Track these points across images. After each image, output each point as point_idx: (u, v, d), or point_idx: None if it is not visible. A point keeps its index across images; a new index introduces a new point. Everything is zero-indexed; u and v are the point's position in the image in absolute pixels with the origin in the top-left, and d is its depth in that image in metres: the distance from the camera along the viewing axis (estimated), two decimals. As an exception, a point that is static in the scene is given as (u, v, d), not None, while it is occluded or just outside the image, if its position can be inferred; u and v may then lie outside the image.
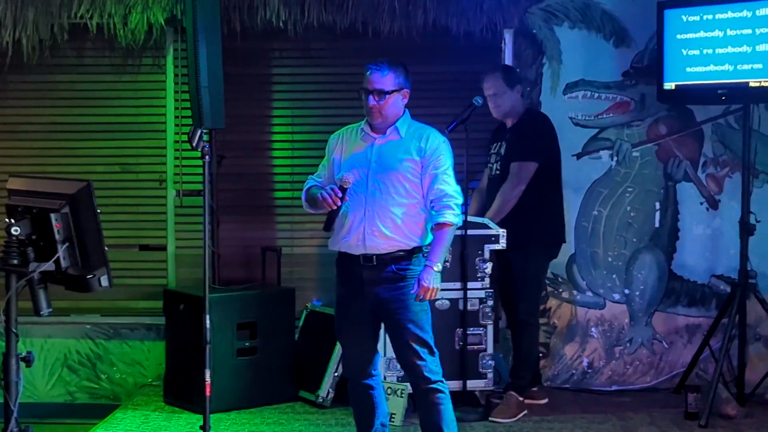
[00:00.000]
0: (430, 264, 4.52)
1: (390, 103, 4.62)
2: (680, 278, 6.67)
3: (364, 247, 4.59)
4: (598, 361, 6.66)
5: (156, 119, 6.86)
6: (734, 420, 5.84)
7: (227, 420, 5.83)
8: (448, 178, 4.61)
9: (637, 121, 6.65)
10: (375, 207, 4.58)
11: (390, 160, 4.61)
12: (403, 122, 4.68)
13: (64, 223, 3.64)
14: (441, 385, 4.63)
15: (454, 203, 4.59)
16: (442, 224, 4.56)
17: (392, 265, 4.59)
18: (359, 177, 4.62)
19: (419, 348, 4.58)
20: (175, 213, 6.83)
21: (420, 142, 4.62)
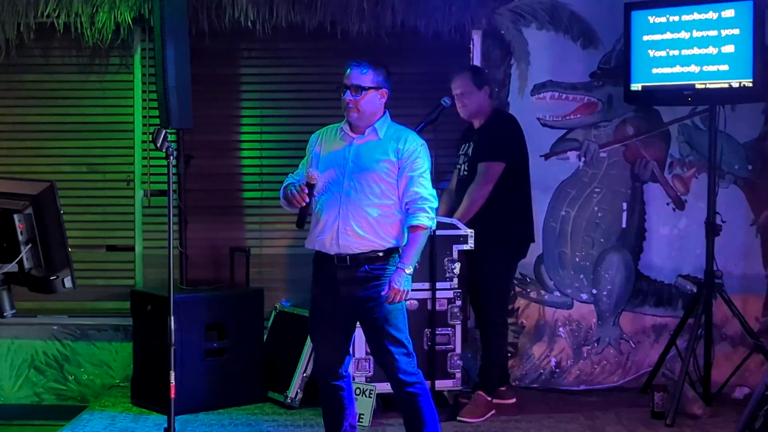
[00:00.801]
0: (402, 266, 4.53)
1: (366, 99, 4.62)
2: (647, 278, 6.71)
3: (338, 246, 4.59)
4: (566, 360, 6.69)
5: (123, 119, 6.82)
6: (700, 419, 5.87)
7: (195, 421, 5.81)
8: (424, 181, 4.61)
9: (605, 122, 6.68)
10: (350, 206, 4.58)
11: (367, 160, 4.62)
12: (382, 123, 4.69)
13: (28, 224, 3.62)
14: (418, 387, 4.62)
15: (429, 206, 4.59)
16: (415, 227, 4.57)
17: (366, 265, 4.59)
18: (335, 176, 4.63)
19: (393, 348, 4.58)
20: (143, 213, 6.81)
21: (398, 143, 4.62)
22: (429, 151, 4.72)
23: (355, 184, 4.59)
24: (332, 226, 4.60)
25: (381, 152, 4.62)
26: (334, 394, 4.77)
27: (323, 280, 4.70)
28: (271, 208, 6.82)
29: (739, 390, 6.32)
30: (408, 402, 4.63)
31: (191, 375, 5.95)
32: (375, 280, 4.58)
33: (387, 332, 4.58)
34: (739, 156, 6.62)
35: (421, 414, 4.63)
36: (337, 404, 4.78)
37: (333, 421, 4.81)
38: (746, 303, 6.54)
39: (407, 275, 4.52)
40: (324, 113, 6.68)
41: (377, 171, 4.60)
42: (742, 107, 6.48)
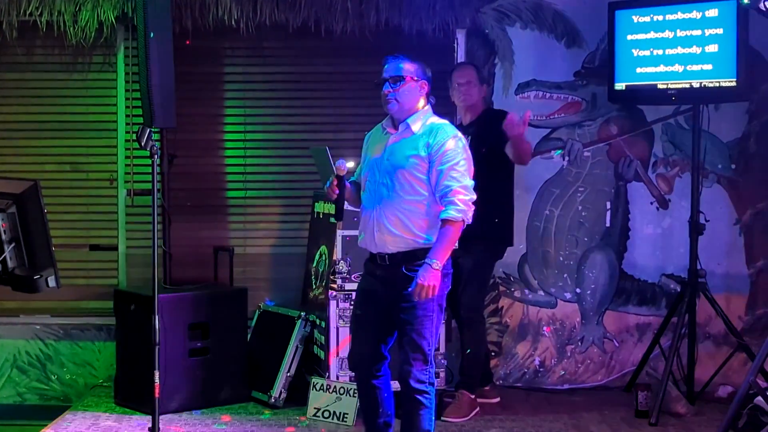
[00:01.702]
0: (429, 261, 4.45)
1: (405, 90, 4.60)
2: (631, 277, 6.72)
3: (376, 245, 4.62)
4: (550, 359, 6.70)
5: (107, 118, 6.80)
6: (684, 418, 5.89)
7: (179, 421, 5.79)
8: (455, 174, 4.52)
9: (589, 121, 6.69)
10: (383, 205, 4.59)
11: (398, 157, 4.60)
12: (416, 118, 4.63)
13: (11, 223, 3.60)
14: (425, 397, 4.60)
15: (459, 199, 4.49)
16: (444, 221, 4.50)
17: (403, 266, 4.57)
18: (374, 174, 4.66)
19: (411, 353, 4.56)
20: (126, 213, 6.79)
21: (429, 137, 4.58)
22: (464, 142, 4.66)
23: (387, 181, 4.60)
24: (370, 224, 4.63)
25: (411, 148, 4.59)
26: (369, 390, 4.77)
27: (368, 276, 4.74)
28: (255, 207, 6.83)
29: (723, 389, 6.34)
30: (411, 408, 4.62)
31: (175, 374, 5.93)
32: (410, 281, 4.51)
33: (409, 336, 4.57)
34: (723, 155, 6.64)
35: (418, 423, 4.61)
36: (372, 401, 4.78)
37: (368, 417, 4.84)
38: (729, 302, 6.56)
39: (435, 270, 4.43)
40: (308, 112, 6.72)
41: (407, 167, 4.57)
42: (726, 107, 6.50)
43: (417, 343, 4.56)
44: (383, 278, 4.62)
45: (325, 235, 6.13)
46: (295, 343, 6.11)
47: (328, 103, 6.66)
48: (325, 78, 6.66)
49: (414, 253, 4.56)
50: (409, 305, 4.54)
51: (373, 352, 4.71)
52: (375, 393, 4.76)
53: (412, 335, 4.56)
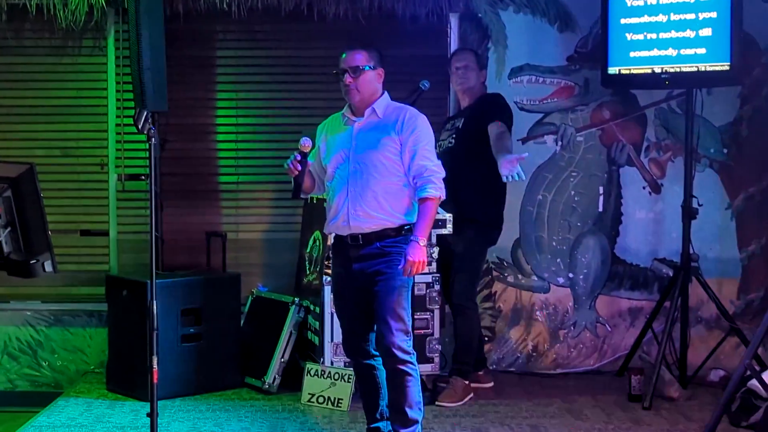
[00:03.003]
0: (415, 239, 4.59)
1: (365, 79, 4.71)
2: (623, 262, 6.72)
3: (349, 228, 4.68)
4: (543, 344, 6.70)
5: (97, 102, 6.76)
6: (677, 402, 5.91)
7: (172, 407, 5.77)
8: (427, 153, 4.69)
9: (581, 105, 6.68)
10: (357, 188, 4.66)
11: (370, 140, 4.69)
12: (380, 103, 4.76)
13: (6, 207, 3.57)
14: (410, 366, 4.67)
15: (435, 177, 4.65)
16: (424, 199, 4.64)
17: (377, 242, 4.67)
18: (342, 160, 4.72)
19: (393, 323, 4.63)
20: (117, 198, 6.75)
21: (397, 119, 4.70)
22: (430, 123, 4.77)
23: (360, 165, 4.68)
24: (343, 208, 4.69)
25: (382, 131, 4.70)
26: (367, 373, 4.83)
27: (340, 260, 4.81)
28: (247, 192, 6.81)
29: (715, 372, 6.35)
30: (397, 380, 4.66)
31: (168, 360, 5.89)
32: (386, 256, 4.65)
33: (390, 306, 4.63)
34: (715, 140, 6.64)
35: (408, 394, 4.66)
36: (371, 383, 4.83)
37: (368, 401, 4.88)
38: (722, 286, 6.58)
39: (422, 247, 4.57)
40: (300, 96, 6.70)
41: (380, 150, 4.67)
42: (718, 91, 6.50)
43: (398, 314, 4.65)
44: (357, 257, 4.69)
45: (319, 221, 6.09)
46: (289, 328, 6.09)
47: (320, 87, 6.62)
48: (318, 62, 6.61)
49: (386, 232, 4.68)
50: (385, 277, 4.64)
51: (362, 334, 4.79)
52: (373, 373, 4.81)
53: (393, 306, 4.64)
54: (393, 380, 4.69)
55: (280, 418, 5.57)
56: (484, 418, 5.60)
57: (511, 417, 5.62)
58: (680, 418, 5.61)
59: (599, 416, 5.65)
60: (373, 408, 4.84)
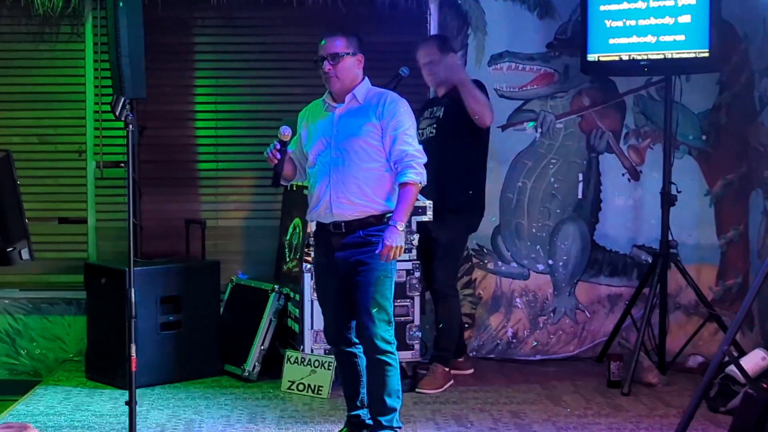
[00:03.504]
0: (393, 223, 4.56)
1: (344, 66, 4.67)
2: (602, 248, 6.74)
3: (332, 215, 4.65)
4: (523, 331, 6.72)
5: (75, 89, 6.72)
6: (656, 388, 5.93)
7: (151, 395, 5.75)
8: (408, 138, 4.65)
9: (561, 92, 6.68)
10: (339, 174, 4.63)
11: (351, 126, 4.66)
12: (361, 88, 4.73)
13: (-17, 194, 3.54)
14: (390, 357, 4.66)
15: (416, 162, 4.62)
16: (404, 184, 4.61)
17: (360, 231, 4.64)
18: (323, 147, 4.69)
19: (376, 313, 4.62)
20: (96, 185, 6.71)
21: (378, 105, 4.67)
22: (411, 108, 4.75)
23: (341, 152, 4.65)
24: (325, 195, 4.66)
25: (363, 116, 4.67)
26: (348, 361, 4.83)
27: (322, 248, 4.78)
28: (227, 179, 6.79)
29: (693, 359, 6.38)
30: (378, 369, 4.66)
31: (147, 348, 5.87)
32: (368, 245, 4.62)
33: (372, 297, 4.62)
34: (694, 126, 6.66)
35: (387, 383, 4.66)
36: (352, 372, 4.83)
37: (350, 388, 4.87)
38: (700, 272, 6.61)
39: (400, 232, 4.54)
40: (280, 83, 6.67)
41: (361, 136, 4.64)
42: (697, 78, 6.52)
43: (380, 303, 4.64)
44: (340, 245, 4.67)
45: (299, 208, 6.09)
46: (269, 316, 6.08)
47: (300, 73, 6.58)
48: (298, 48, 6.58)
49: (369, 219, 4.66)
50: (367, 267, 4.62)
51: (344, 322, 4.78)
52: (355, 361, 4.81)
53: (375, 296, 4.63)
54: (373, 369, 4.69)
55: (260, 406, 5.56)
56: (464, 404, 5.61)
57: (491, 403, 5.63)
58: (659, 403, 5.64)
59: (579, 402, 5.67)
60: (354, 395, 4.85)
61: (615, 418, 5.37)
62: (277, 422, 5.27)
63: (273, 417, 5.36)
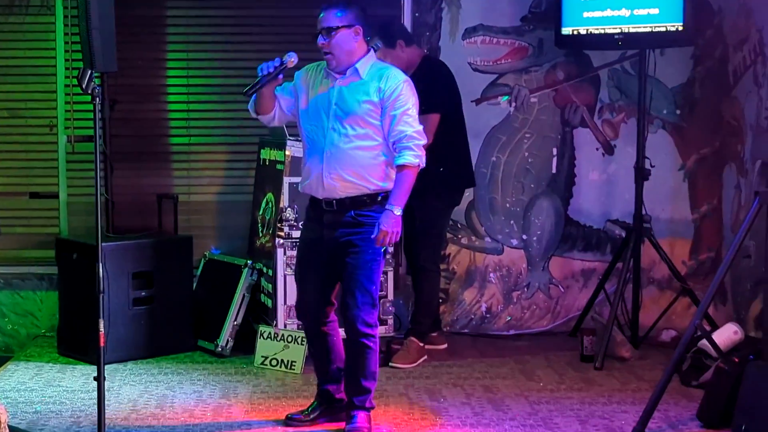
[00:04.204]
0: (390, 207, 4.48)
1: (338, 39, 4.52)
2: (576, 223, 6.74)
3: (323, 191, 4.57)
4: (497, 306, 6.72)
5: (45, 62, 6.65)
6: (628, 362, 5.95)
7: (124, 370, 5.73)
8: (408, 119, 4.53)
9: (535, 66, 6.66)
10: (334, 150, 4.54)
11: (350, 102, 4.55)
12: (364, 62, 4.59)
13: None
14: (371, 339, 4.62)
15: (415, 144, 4.52)
16: (402, 166, 4.51)
17: (352, 211, 4.56)
18: (320, 119, 4.58)
19: (360, 296, 4.57)
20: (67, 159, 6.66)
21: (379, 82, 4.55)
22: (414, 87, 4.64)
23: (338, 126, 4.54)
24: (318, 169, 4.57)
25: (363, 93, 4.55)
26: (319, 338, 4.77)
27: (312, 223, 4.70)
28: (200, 154, 6.75)
29: (666, 333, 6.41)
30: (357, 351, 4.63)
31: (119, 324, 5.88)
32: (359, 226, 4.55)
33: (359, 280, 4.56)
34: (668, 101, 6.66)
35: (365, 365, 4.64)
36: (323, 348, 4.78)
37: (320, 365, 4.83)
38: (674, 247, 6.62)
39: (396, 216, 4.48)
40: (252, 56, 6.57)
41: (360, 113, 4.53)
42: (672, 52, 6.51)
43: (366, 287, 4.58)
44: (330, 223, 4.60)
45: (272, 183, 6.06)
46: (242, 291, 6.06)
47: (273, 47, 6.46)
48: (271, 21, 6.54)
49: (362, 198, 4.57)
50: (357, 250, 4.55)
51: (321, 300, 4.71)
52: (326, 340, 4.77)
53: (361, 280, 4.57)
54: (352, 349, 4.66)
55: (233, 381, 5.55)
56: (438, 379, 5.61)
57: (464, 378, 5.64)
58: (631, 377, 5.66)
59: (551, 376, 5.69)
60: (325, 371, 4.82)
61: (587, 392, 5.39)
62: (250, 397, 5.26)
63: (245, 392, 5.35)
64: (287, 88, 4.70)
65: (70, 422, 4.86)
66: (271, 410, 5.00)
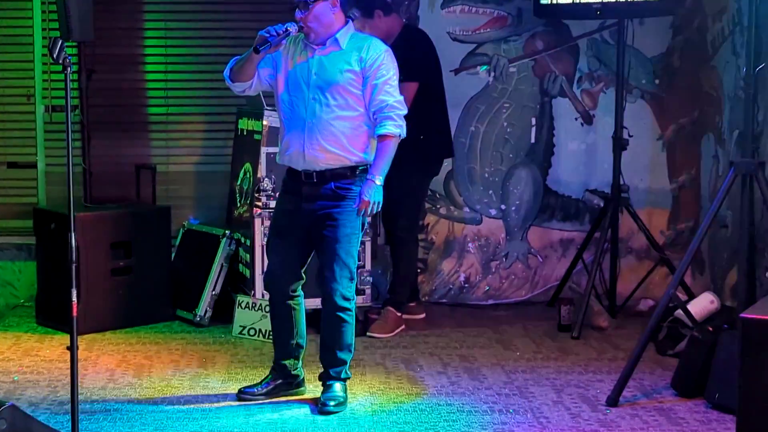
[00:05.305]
0: (371, 177, 4.48)
1: (315, 12, 4.47)
2: (555, 193, 6.75)
3: (304, 162, 4.53)
4: (475, 276, 6.74)
5: (22, 32, 6.61)
6: (606, 331, 5.99)
7: (102, 340, 5.74)
8: (390, 89, 4.52)
9: (515, 36, 6.64)
10: (315, 120, 4.51)
11: (331, 71, 4.51)
12: (344, 33, 4.55)
13: None
14: (347, 314, 4.63)
15: (396, 114, 4.51)
16: (383, 136, 4.50)
17: (332, 183, 4.54)
18: (300, 90, 4.53)
19: (339, 270, 4.56)
20: (45, 129, 6.64)
21: (360, 52, 4.52)
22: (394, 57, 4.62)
23: (319, 97, 4.51)
24: (299, 141, 4.53)
25: (344, 62, 4.51)
26: (285, 312, 4.73)
27: (289, 194, 4.66)
28: (178, 124, 6.73)
29: (644, 302, 6.44)
30: (334, 323, 4.63)
31: (97, 293, 5.88)
32: (339, 199, 4.53)
33: (337, 254, 4.55)
34: (647, 71, 6.65)
35: (341, 338, 4.65)
36: (287, 322, 4.74)
37: (281, 338, 4.78)
38: (652, 217, 6.65)
39: (377, 186, 4.47)
40: (231, 26, 6.58)
41: (341, 82, 4.50)
42: (651, 21, 6.50)
43: (345, 261, 4.57)
44: (309, 196, 4.57)
45: (249, 153, 6.05)
46: (220, 261, 6.06)
47: (251, 16, 6.50)
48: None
49: (343, 170, 4.56)
50: (336, 223, 4.54)
51: (292, 272, 4.68)
52: (291, 313, 4.73)
53: (340, 253, 4.55)
54: (329, 322, 4.65)
55: (211, 351, 5.56)
56: (415, 349, 5.64)
57: (441, 348, 5.66)
58: (608, 347, 5.70)
59: (529, 346, 5.72)
60: (284, 345, 4.77)
61: (564, 361, 5.42)
62: (227, 367, 5.27)
63: (223, 362, 5.36)
64: (266, 59, 4.63)
65: (47, 391, 4.86)
66: (249, 380, 5.00)
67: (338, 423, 4.49)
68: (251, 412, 4.61)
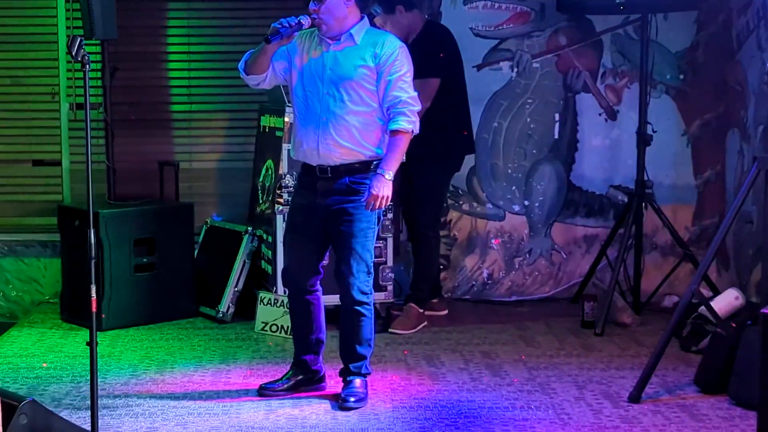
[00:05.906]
0: (381, 172, 4.47)
1: (328, 8, 4.47)
2: (579, 189, 6.71)
3: (318, 157, 4.55)
4: (498, 272, 6.71)
5: (47, 30, 6.65)
6: (629, 328, 5.95)
7: (126, 336, 5.77)
8: (404, 84, 4.52)
9: (537, 31, 6.62)
10: (329, 115, 4.52)
11: (345, 67, 4.52)
12: (359, 29, 4.55)
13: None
14: (366, 308, 4.63)
15: (409, 110, 4.51)
16: (395, 131, 4.50)
17: (347, 177, 4.55)
18: (314, 84, 4.54)
19: (356, 264, 4.56)
20: (69, 127, 6.68)
21: (375, 48, 4.52)
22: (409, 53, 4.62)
23: (333, 92, 4.52)
24: (313, 136, 4.54)
25: (359, 58, 4.52)
26: (303, 307, 4.74)
27: (304, 190, 4.67)
28: (200, 121, 6.75)
29: (669, 299, 6.40)
30: (352, 318, 4.64)
31: (121, 290, 5.91)
32: (353, 194, 4.54)
33: (353, 248, 4.56)
34: (671, 65, 6.61)
35: (360, 332, 4.65)
36: (306, 318, 4.75)
37: (300, 334, 4.79)
38: (676, 212, 6.60)
39: (387, 181, 4.46)
40: (253, 23, 6.58)
41: (356, 78, 4.50)
42: (675, 16, 6.46)
43: (361, 255, 4.58)
44: (324, 191, 4.58)
45: (272, 150, 6.06)
46: (243, 258, 6.08)
47: (275, 13, 6.46)
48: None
49: (357, 165, 4.56)
50: (351, 218, 4.54)
51: (309, 267, 4.69)
52: (310, 309, 4.74)
53: (356, 247, 4.56)
54: (347, 317, 4.66)
55: (233, 347, 5.58)
56: (437, 345, 5.63)
57: (464, 344, 5.65)
58: (632, 343, 5.66)
59: (551, 342, 5.69)
60: (304, 340, 4.78)
61: (586, 358, 5.39)
62: (249, 362, 5.29)
63: (245, 357, 5.38)
64: (281, 52, 4.63)
65: (69, 387, 4.90)
66: (270, 376, 5.01)
67: (358, 419, 4.48)
68: (272, 408, 4.62)
